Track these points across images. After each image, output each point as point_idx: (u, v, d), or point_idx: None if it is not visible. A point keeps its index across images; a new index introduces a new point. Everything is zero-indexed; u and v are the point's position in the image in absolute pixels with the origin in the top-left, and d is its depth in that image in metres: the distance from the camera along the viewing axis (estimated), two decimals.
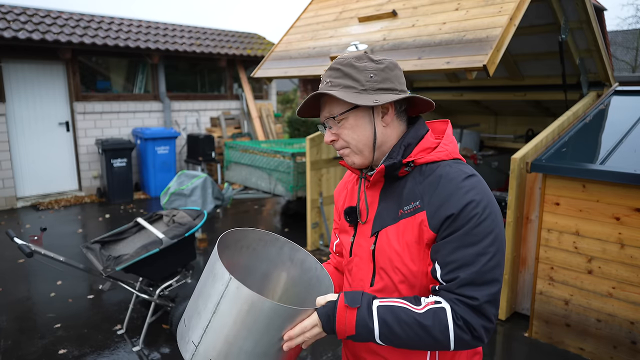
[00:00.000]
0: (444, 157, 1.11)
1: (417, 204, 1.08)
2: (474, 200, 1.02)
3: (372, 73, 1.09)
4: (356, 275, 1.22)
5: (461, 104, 5.47)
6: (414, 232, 1.08)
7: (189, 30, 9.19)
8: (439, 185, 1.06)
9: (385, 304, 1.02)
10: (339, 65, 1.11)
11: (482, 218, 1.01)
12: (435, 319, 0.99)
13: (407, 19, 3.59)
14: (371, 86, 1.09)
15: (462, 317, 0.99)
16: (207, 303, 1.01)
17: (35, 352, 3.10)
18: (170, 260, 3.08)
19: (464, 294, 1.00)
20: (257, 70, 4.61)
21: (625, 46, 20.39)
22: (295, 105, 14.83)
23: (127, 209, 6.87)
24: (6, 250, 4.97)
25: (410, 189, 1.11)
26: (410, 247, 1.09)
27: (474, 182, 1.05)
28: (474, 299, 0.99)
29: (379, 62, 1.11)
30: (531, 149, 3.27)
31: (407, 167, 1.12)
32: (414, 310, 1.01)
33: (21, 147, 7.11)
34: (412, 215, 1.08)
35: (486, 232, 1.01)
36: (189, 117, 8.81)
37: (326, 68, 1.15)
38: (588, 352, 3.00)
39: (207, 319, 1.01)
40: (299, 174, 5.36)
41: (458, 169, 1.08)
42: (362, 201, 1.21)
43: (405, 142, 1.13)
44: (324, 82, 1.13)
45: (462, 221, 1.01)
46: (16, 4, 7.37)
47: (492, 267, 1.01)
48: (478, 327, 1.00)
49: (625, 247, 2.76)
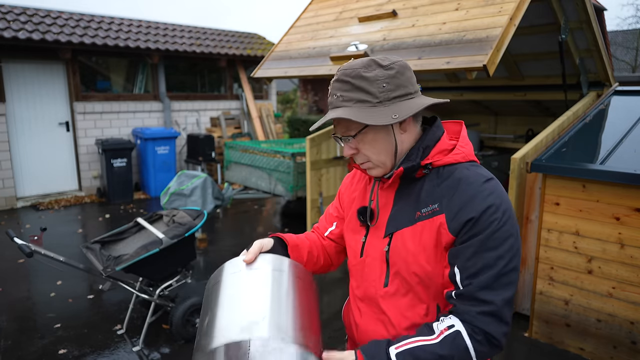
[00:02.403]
0: (460, 159, 1.11)
1: (435, 206, 1.07)
2: (494, 204, 1.02)
3: (384, 82, 1.05)
4: (368, 276, 1.20)
5: (461, 104, 5.47)
6: (432, 234, 1.07)
7: (189, 30, 9.19)
8: (458, 188, 1.05)
9: (402, 349, 1.01)
10: (348, 78, 1.06)
11: (502, 222, 1.01)
12: (454, 347, 0.99)
13: (407, 19, 3.59)
14: (386, 97, 1.05)
15: (482, 330, 1.00)
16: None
17: (35, 352, 3.10)
18: (170, 260, 3.08)
19: (482, 298, 1.00)
20: (257, 70, 4.61)
21: (625, 46, 20.39)
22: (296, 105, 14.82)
23: (127, 209, 6.87)
24: (6, 250, 4.97)
25: (428, 192, 1.10)
26: (427, 249, 1.08)
27: (493, 186, 1.05)
28: (492, 303, 0.99)
29: (389, 68, 1.06)
30: (531, 149, 3.27)
31: (425, 169, 1.11)
32: (431, 343, 1.01)
33: (21, 147, 7.10)
34: (430, 217, 1.07)
35: (505, 236, 1.02)
36: (189, 117, 8.81)
37: (333, 78, 1.10)
38: (588, 352, 3.00)
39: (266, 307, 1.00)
40: (299, 174, 5.36)
41: (476, 172, 1.08)
42: (374, 202, 1.19)
43: (424, 145, 1.12)
44: (334, 95, 1.08)
45: (483, 225, 1.01)
46: (16, 4, 7.36)
47: (509, 270, 1.01)
48: (498, 335, 1.00)
49: (625, 247, 2.76)
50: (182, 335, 3.15)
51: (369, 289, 1.20)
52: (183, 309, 3.13)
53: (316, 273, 1.38)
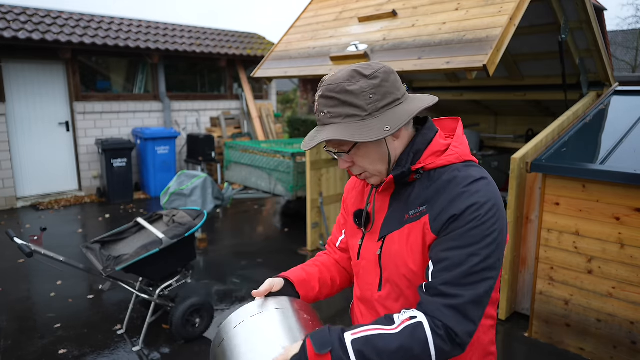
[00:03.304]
0: (454, 160, 1.08)
1: (423, 208, 1.07)
2: (478, 202, 1.01)
3: (370, 93, 1.03)
4: (364, 279, 1.22)
5: (461, 104, 5.47)
6: (419, 236, 1.07)
7: (189, 30, 9.18)
8: (446, 189, 1.05)
9: (358, 336, 0.96)
10: (332, 94, 1.04)
11: (482, 220, 1.00)
12: (415, 337, 0.95)
13: (407, 19, 3.59)
14: (374, 108, 1.03)
15: (444, 325, 0.96)
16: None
17: (35, 352, 3.10)
18: (170, 260, 3.08)
19: (447, 292, 0.97)
20: (257, 70, 4.61)
21: (625, 46, 20.39)
22: (296, 105, 14.82)
23: (127, 209, 6.87)
24: (6, 250, 4.97)
25: (417, 194, 1.09)
26: (415, 251, 1.08)
27: (480, 186, 1.03)
28: (458, 296, 0.97)
29: (373, 77, 1.04)
30: (531, 149, 3.27)
31: (417, 174, 1.10)
32: (390, 333, 0.96)
33: (21, 147, 7.10)
34: (418, 219, 1.07)
35: (484, 234, 1.00)
36: (189, 117, 8.81)
37: (318, 93, 1.09)
38: (588, 352, 3.00)
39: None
40: (299, 174, 5.36)
41: (466, 173, 1.06)
42: (370, 205, 1.20)
43: (414, 149, 1.10)
44: (322, 112, 1.06)
45: (462, 222, 1.00)
46: (16, 4, 7.36)
47: (482, 269, 0.99)
48: (461, 332, 0.96)
49: (625, 247, 2.76)
50: (182, 335, 3.15)
51: (366, 292, 1.21)
52: (183, 309, 3.13)
53: (337, 292, 1.39)
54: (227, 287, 4.15)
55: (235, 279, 4.35)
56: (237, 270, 4.54)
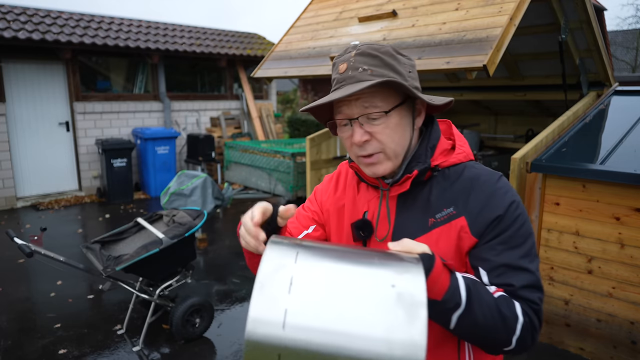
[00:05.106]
0: (463, 158, 1.05)
1: (451, 210, 0.99)
2: (515, 201, 0.98)
3: (409, 68, 1.00)
4: None
5: (461, 104, 5.47)
6: (451, 240, 0.99)
7: (189, 30, 9.18)
8: (474, 188, 0.99)
9: (465, 275, 0.89)
10: (377, 53, 0.96)
11: (523, 219, 0.98)
12: (511, 307, 0.90)
13: (407, 19, 3.59)
14: (411, 83, 0.98)
15: (529, 315, 0.92)
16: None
17: (35, 352, 3.10)
18: (170, 260, 3.08)
19: (525, 296, 0.93)
20: (257, 70, 4.61)
21: (625, 46, 20.40)
22: (296, 105, 14.81)
23: (127, 209, 6.87)
24: (6, 250, 4.97)
25: (438, 195, 1.01)
26: (446, 256, 0.98)
27: (507, 183, 1.01)
28: (534, 302, 0.94)
29: (410, 58, 1.01)
30: (531, 149, 3.27)
31: (435, 171, 1.02)
32: (490, 293, 0.90)
33: (21, 147, 7.10)
34: (448, 222, 0.99)
35: (528, 232, 0.98)
36: (189, 117, 8.81)
37: (351, 52, 0.97)
38: (588, 352, 3.00)
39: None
40: (299, 174, 5.36)
41: (485, 170, 1.03)
42: (383, 214, 1.06)
43: (430, 144, 1.04)
44: (359, 68, 0.95)
45: (507, 223, 0.96)
46: (16, 4, 7.36)
47: (537, 267, 0.98)
48: (538, 328, 0.94)
49: (625, 247, 2.76)
50: (182, 335, 3.15)
51: None
52: (183, 309, 3.13)
53: None
54: (227, 287, 4.15)
55: (235, 279, 4.35)
56: (237, 270, 4.54)
